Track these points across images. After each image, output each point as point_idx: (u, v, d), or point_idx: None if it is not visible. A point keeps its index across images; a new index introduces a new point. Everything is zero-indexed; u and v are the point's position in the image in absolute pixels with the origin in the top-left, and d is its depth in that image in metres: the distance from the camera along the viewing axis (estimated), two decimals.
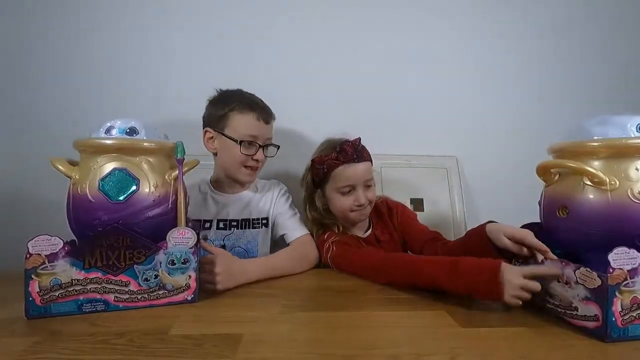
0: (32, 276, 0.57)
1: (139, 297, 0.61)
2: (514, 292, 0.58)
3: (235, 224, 0.96)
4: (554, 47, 1.34)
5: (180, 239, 0.63)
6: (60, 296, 0.58)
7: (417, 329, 0.55)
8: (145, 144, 0.65)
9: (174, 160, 0.68)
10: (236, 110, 0.92)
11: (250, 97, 0.96)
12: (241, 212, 0.98)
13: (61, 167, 0.63)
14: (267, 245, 0.98)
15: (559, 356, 0.48)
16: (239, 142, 0.91)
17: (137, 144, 0.65)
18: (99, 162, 0.62)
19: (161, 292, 0.62)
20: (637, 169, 0.56)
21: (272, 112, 0.98)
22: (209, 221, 0.96)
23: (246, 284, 0.74)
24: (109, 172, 0.62)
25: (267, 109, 0.97)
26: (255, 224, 0.97)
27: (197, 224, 0.80)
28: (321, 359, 0.47)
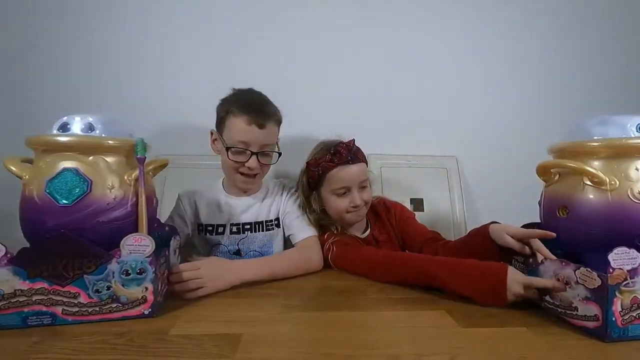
0: None
1: (90, 310, 0.55)
2: (510, 299, 0.61)
3: (248, 227, 0.94)
4: (554, 47, 1.34)
5: (135, 246, 0.56)
6: (2, 308, 0.53)
7: (417, 329, 0.55)
8: (101, 142, 0.60)
9: (135, 159, 0.62)
10: (232, 113, 0.86)
11: (250, 98, 0.90)
12: (253, 215, 0.95)
13: (13, 168, 0.58)
14: (280, 246, 0.96)
15: (559, 356, 0.48)
16: (226, 149, 0.87)
17: (91, 141, 0.59)
18: (49, 161, 0.57)
19: (114, 305, 0.56)
20: (637, 169, 0.57)
21: (272, 114, 0.89)
22: (222, 226, 0.93)
23: (246, 284, 0.73)
24: (58, 173, 0.56)
25: (265, 112, 0.87)
26: (268, 226, 0.95)
27: (174, 229, 0.74)
28: (321, 359, 0.47)
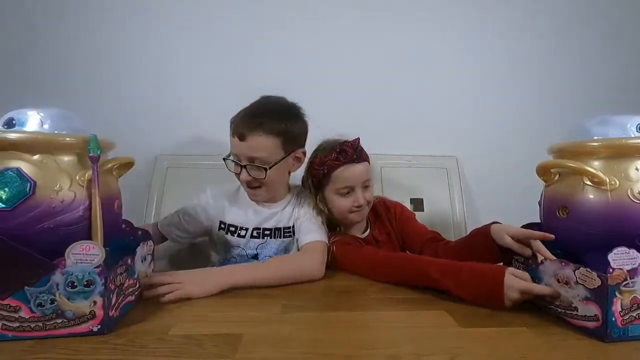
0: None
1: (33, 325, 0.50)
2: (508, 304, 0.60)
3: (268, 232, 0.92)
4: (554, 47, 1.34)
5: (83, 255, 0.50)
6: None
7: (417, 329, 0.55)
8: (49, 138, 0.54)
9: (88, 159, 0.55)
10: (232, 122, 0.86)
11: (250, 106, 0.86)
12: (275, 221, 0.93)
13: None
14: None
15: (559, 356, 0.48)
16: (224, 159, 0.87)
17: (38, 138, 0.54)
18: None
19: (60, 320, 0.50)
20: (637, 169, 0.57)
21: (260, 125, 0.81)
22: (245, 229, 0.91)
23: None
24: None
25: (249, 124, 0.81)
26: (286, 233, 0.92)
27: (147, 234, 0.69)
28: (321, 359, 0.47)
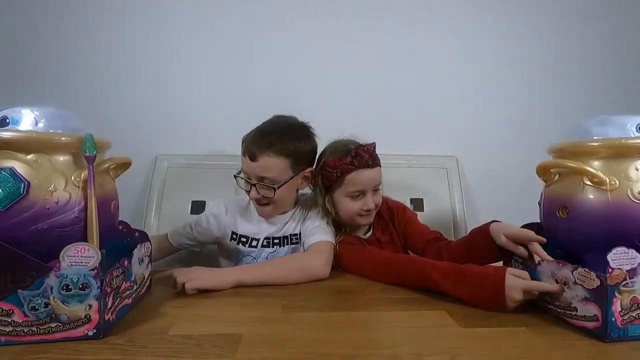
0: None
1: (26, 330, 0.49)
2: (511, 305, 0.60)
3: (277, 241, 0.94)
4: (554, 47, 1.34)
5: (78, 257, 0.49)
6: None
7: (417, 329, 0.55)
8: (44, 138, 0.53)
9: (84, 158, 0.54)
10: (244, 140, 0.88)
11: (262, 126, 0.88)
12: (284, 230, 0.94)
13: None
14: None
15: (559, 356, 0.48)
16: (234, 176, 0.89)
17: (32, 137, 0.52)
18: None
19: (54, 324, 0.49)
20: (637, 169, 0.57)
21: (271, 145, 0.82)
22: (256, 239, 0.93)
23: (246, 284, 0.72)
24: None
25: (261, 143, 0.83)
26: (293, 240, 0.94)
27: (144, 235, 0.69)
28: (321, 359, 0.47)
